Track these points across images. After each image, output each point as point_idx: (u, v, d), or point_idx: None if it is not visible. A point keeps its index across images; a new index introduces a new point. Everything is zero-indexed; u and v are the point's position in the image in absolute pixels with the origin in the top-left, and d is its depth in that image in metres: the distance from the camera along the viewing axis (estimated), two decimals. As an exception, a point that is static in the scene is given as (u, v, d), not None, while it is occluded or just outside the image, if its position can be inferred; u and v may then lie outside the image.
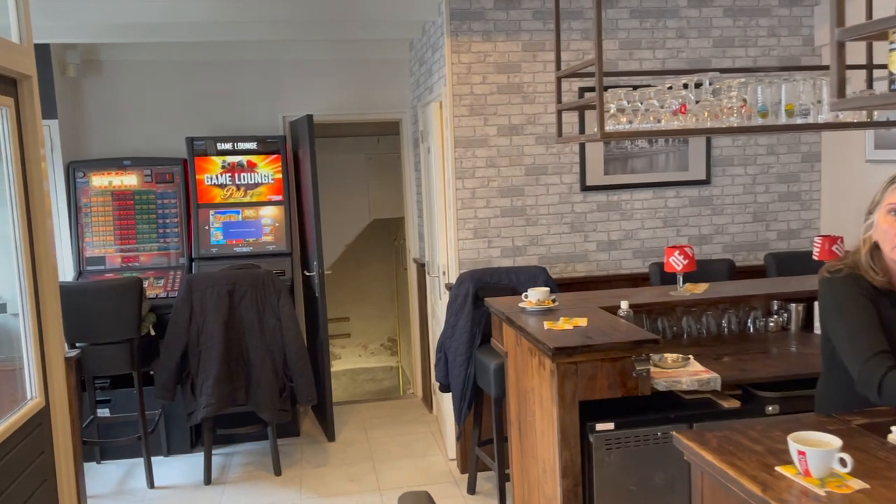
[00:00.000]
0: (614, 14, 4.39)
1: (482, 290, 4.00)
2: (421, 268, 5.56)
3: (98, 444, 4.65)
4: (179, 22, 4.52)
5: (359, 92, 5.65)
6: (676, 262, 3.23)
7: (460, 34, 4.23)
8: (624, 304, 2.97)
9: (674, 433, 1.79)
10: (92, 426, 4.68)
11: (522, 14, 4.29)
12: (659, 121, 2.69)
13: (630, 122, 2.69)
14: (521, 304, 3.11)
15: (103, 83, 5.30)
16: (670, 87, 2.82)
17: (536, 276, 4.07)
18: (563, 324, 2.77)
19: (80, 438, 3.32)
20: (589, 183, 4.44)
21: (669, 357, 2.75)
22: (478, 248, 4.37)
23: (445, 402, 4.85)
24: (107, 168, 5.08)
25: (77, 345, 4.30)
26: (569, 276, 4.43)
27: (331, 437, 5.07)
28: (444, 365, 4.08)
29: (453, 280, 4.36)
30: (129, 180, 5.11)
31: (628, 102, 2.71)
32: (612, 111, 2.74)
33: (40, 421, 2.90)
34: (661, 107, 2.77)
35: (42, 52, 4.78)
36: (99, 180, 5.06)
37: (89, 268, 4.99)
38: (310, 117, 4.87)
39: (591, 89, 4.21)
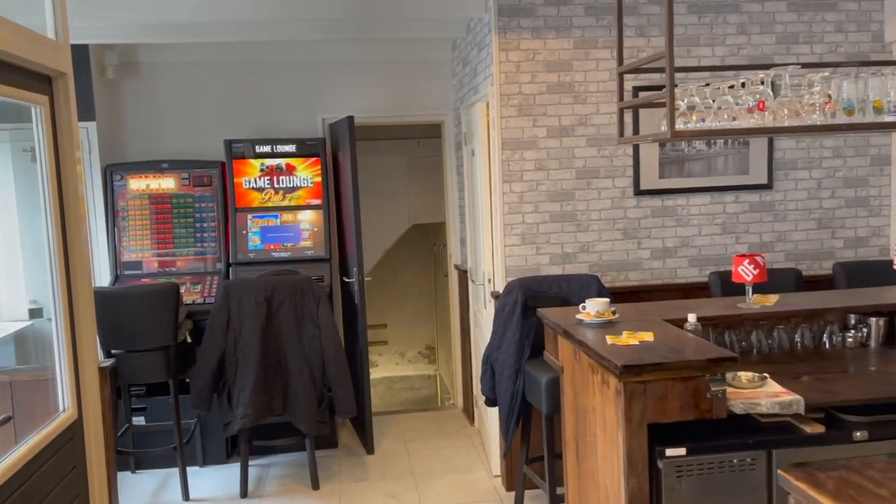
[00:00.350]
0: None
1: (531, 300, 3.80)
2: (463, 274, 5.38)
3: (133, 454, 4.54)
4: (217, 21, 4.40)
5: (400, 93, 5.49)
6: (746, 272, 2.99)
7: (508, 31, 4.04)
8: (691, 318, 2.74)
9: (780, 472, 1.57)
10: (127, 435, 4.58)
11: (574, 10, 4.08)
12: (734, 119, 2.46)
13: (703, 120, 2.46)
14: (578, 316, 2.90)
15: (141, 85, 5.22)
16: (744, 84, 2.59)
17: (588, 284, 3.85)
18: (628, 338, 2.56)
19: (114, 452, 3.21)
20: (643, 187, 4.21)
21: (744, 376, 2.52)
22: (525, 254, 4.17)
23: (488, 415, 4.65)
24: (144, 171, 4.99)
25: (112, 352, 4.20)
26: (621, 284, 4.20)
27: (370, 449, 4.89)
28: (490, 378, 3.88)
29: (499, 288, 4.17)
30: (167, 183, 5.01)
31: (700, 99, 2.49)
32: (681, 109, 2.53)
33: (72, 434, 2.77)
34: (736, 104, 2.54)
35: (80, 52, 4.73)
36: (136, 183, 4.97)
37: (126, 272, 4.90)
38: (350, 119, 4.73)
39: (648, 88, 4.03)
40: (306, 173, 5.09)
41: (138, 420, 4.69)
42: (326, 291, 4.73)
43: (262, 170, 5.04)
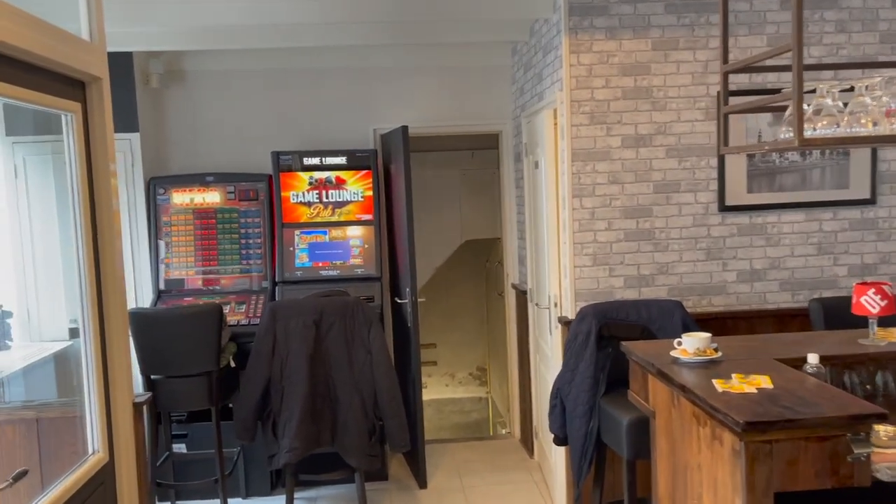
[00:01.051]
0: (761, 5, 3.75)
1: (606, 328, 3.42)
2: (521, 295, 5.01)
3: (173, 486, 4.26)
4: (264, 24, 4.15)
5: (454, 102, 5.17)
6: (871, 304, 2.56)
7: (580, 31, 3.69)
8: (812, 359, 2.33)
9: None
10: (167, 464, 4.32)
11: (652, 7, 3.71)
12: (875, 124, 2.05)
13: (836, 126, 2.07)
14: (673, 354, 2.51)
15: (186, 94, 4.99)
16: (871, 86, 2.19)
17: (670, 312, 3.45)
18: (741, 384, 2.16)
19: (151, 486, 2.94)
20: (729, 202, 3.79)
21: (884, 431, 2.10)
22: (597, 276, 3.78)
23: (552, 450, 4.26)
24: (188, 184, 4.75)
25: (152, 377, 3.95)
26: (703, 310, 3.78)
27: (422, 483, 4.54)
28: (560, 414, 3.50)
29: (568, 313, 3.79)
30: (212, 197, 4.76)
31: (831, 101, 2.09)
32: (807, 113, 2.13)
33: (103, 479, 2.48)
34: (870, 107, 2.14)
35: (124, 61, 4.53)
36: (180, 197, 4.73)
37: (168, 291, 4.66)
38: (405, 129, 4.41)
39: (742, 93, 3.60)
40: (356, 187, 4.79)
41: (179, 447, 4.43)
42: (377, 313, 4.42)
43: (310, 183, 4.76)
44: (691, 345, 2.47)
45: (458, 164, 6.39)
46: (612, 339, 3.41)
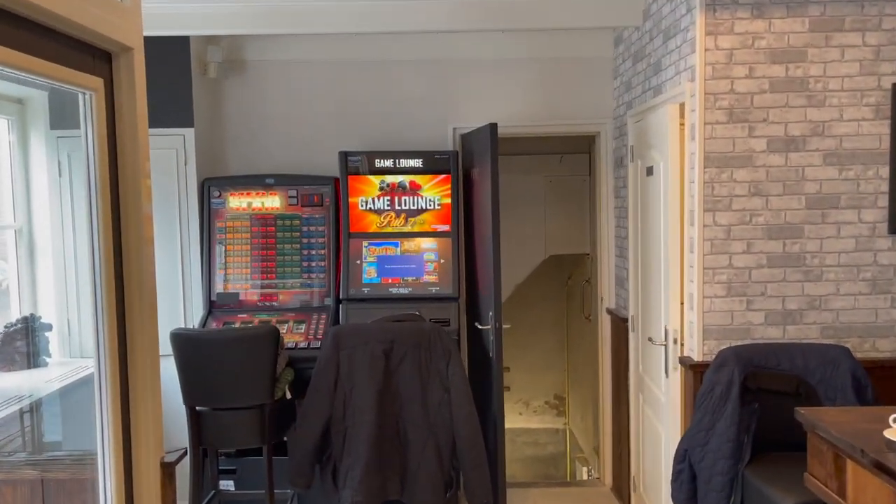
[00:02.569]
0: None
1: (753, 379, 2.71)
2: (620, 322, 4.31)
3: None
4: (333, 7, 3.59)
5: (545, 99, 4.52)
6: None
7: (719, 8, 3.00)
8: None
9: None
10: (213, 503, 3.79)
11: (811, -21, 2.99)
12: None
13: None
14: (889, 436, 1.80)
15: (246, 86, 4.48)
16: None
17: (835, 361, 2.73)
18: None
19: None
20: (903, 222, 3.03)
21: None
22: (732, 309, 3.07)
23: (654, 501, 3.55)
24: (247, 187, 4.23)
25: (197, 408, 3.42)
26: (865, 356, 3.02)
27: (502, 541, 3.90)
28: (689, 482, 2.81)
29: (693, 353, 3.09)
30: (272, 202, 4.23)
31: None
32: None
33: (119, 567, 1.91)
34: None
35: (180, 47, 4.04)
36: (237, 201, 4.21)
37: (221, 306, 4.14)
38: (493, 127, 3.79)
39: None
40: (433, 193, 4.19)
41: (227, 484, 3.90)
42: (455, 340, 3.80)
43: (381, 188, 4.18)
44: (920, 426, 1.76)
45: (543, 169, 5.71)
46: (759, 393, 2.71)
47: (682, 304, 3.25)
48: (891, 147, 3.01)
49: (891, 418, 1.82)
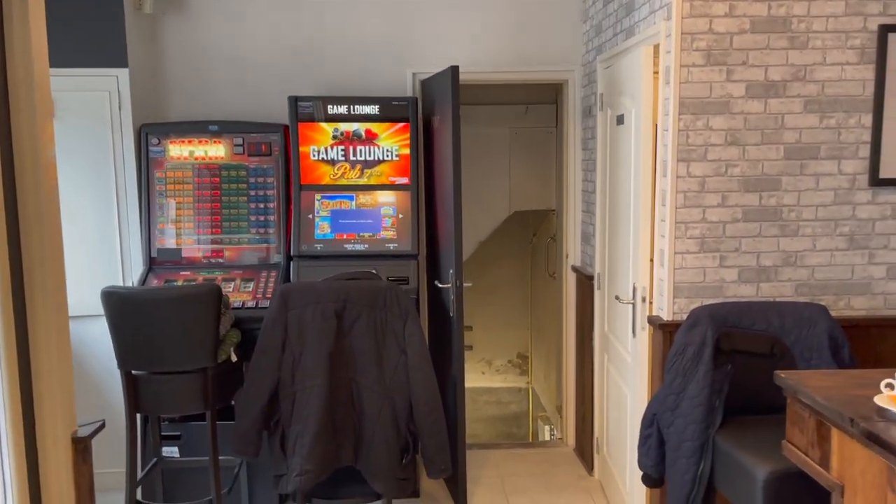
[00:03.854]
0: None
1: (727, 339, 2.55)
2: (586, 280, 4.14)
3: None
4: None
5: (510, 44, 4.25)
6: None
7: (698, -61, 2.76)
8: None
9: None
10: (155, 472, 3.57)
11: None
12: None
13: None
14: (880, 402, 1.64)
15: (187, 25, 4.13)
16: None
17: (812, 320, 2.59)
18: None
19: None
20: (884, 174, 2.88)
21: None
22: (704, 266, 2.90)
23: (623, 473, 3.44)
24: (189, 134, 3.91)
25: (133, 372, 3.16)
26: (840, 314, 2.88)
27: (461, 506, 3.76)
28: (656, 448, 2.66)
29: (662, 312, 2.93)
30: (216, 151, 3.92)
31: None
32: None
33: (21, 554, 1.68)
34: None
35: (109, -23, 3.67)
36: (177, 150, 3.90)
37: (161, 263, 3.85)
38: (454, 70, 3.52)
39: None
40: (391, 143, 3.92)
41: (170, 451, 3.67)
42: (413, 300, 3.59)
43: (335, 137, 3.90)
44: (916, 392, 1.60)
45: (508, 121, 5.46)
46: (732, 354, 2.56)
47: (651, 260, 3.07)
48: (875, 93, 2.83)
49: (882, 383, 1.66)
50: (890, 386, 1.64)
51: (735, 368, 2.53)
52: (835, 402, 1.69)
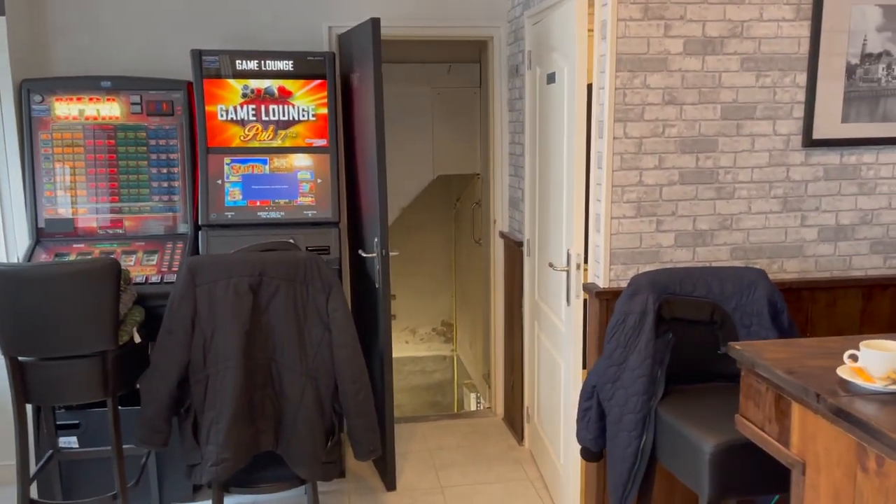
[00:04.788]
0: None
1: (668, 307, 2.46)
2: (515, 247, 4.01)
3: (54, 505, 3.20)
4: None
5: (432, -2, 4.02)
6: None
7: None
8: None
9: None
10: (52, 465, 3.24)
11: None
12: None
13: None
14: (844, 375, 1.56)
15: (74, -33, 3.68)
16: None
17: (752, 285, 2.52)
18: None
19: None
20: (817, 135, 2.83)
21: None
22: (641, 231, 2.80)
23: (557, 441, 3.36)
24: (78, 90, 3.50)
25: (20, 359, 2.81)
26: (774, 277, 2.84)
27: (390, 484, 3.60)
28: (596, 421, 2.56)
29: (599, 280, 2.82)
30: (110, 109, 3.54)
31: None
32: None
33: None
34: None
35: None
36: (65, 108, 3.49)
37: (51, 236, 3.47)
38: (375, 22, 3.26)
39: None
40: (306, 101, 3.64)
41: (68, 441, 3.35)
42: (335, 271, 3.37)
43: (244, 95, 3.58)
44: (879, 363, 1.52)
45: (430, 80, 5.22)
46: (672, 322, 2.47)
47: (588, 226, 2.95)
48: (810, 51, 2.77)
49: (845, 355, 1.57)
50: (853, 357, 1.56)
51: (675, 337, 2.45)
52: (799, 377, 1.59)
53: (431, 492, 3.58)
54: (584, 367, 3.03)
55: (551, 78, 3.26)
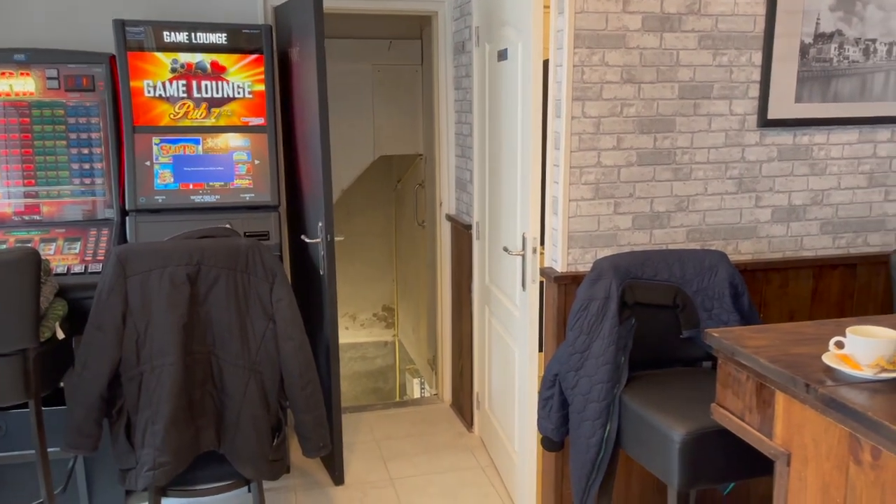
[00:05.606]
0: None
1: (631, 292, 2.39)
2: (464, 230, 3.90)
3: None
4: None
5: (375, -31, 3.83)
6: None
7: None
8: None
9: None
10: (-34, 474, 2.96)
11: None
12: None
13: None
14: (829, 362, 1.51)
15: (-23, -74, 3.33)
16: None
17: (713, 267, 2.48)
18: None
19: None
20: (772, 115, 2.81)
21: None
22: (598, 214, 2.73)
23: (511, 429, 3.29)
24: (-15, 64, 3.18)
25: (-74, 361, 2.53)
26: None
27: (338, 479, 3.46)
28: (558, 410, 2.48)
29: (556, 264, 2.73)
30: (24, 85, 3.23)
31: None
32: None
33: None
34: None
35: None
36: (-29, 82, 3.16)
37: (-43, 223, 3.16)
38: (317, -7, 3.06)
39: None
40: (242, 77, 3.41)
41: (-14, 448, 3.07)
42: (276, 256, 3.18)
43: (174, 70, 3.32)
44: (870, 351, 1.47)
45: (370, 56, 5.02)
46: (635, 307, 2.41)
47: (544, 209, 2.86)
48: (765, 30, 2.73)
49: (831, 342, 1.52)
50: (839, 344, 1.51)
51: (638, 322, 2.39)
52: (781, 365, 1.53)
53: (381, 484, 3.46)
54: (541, 350, 2.95)
55: (503, 55, 3.13)
